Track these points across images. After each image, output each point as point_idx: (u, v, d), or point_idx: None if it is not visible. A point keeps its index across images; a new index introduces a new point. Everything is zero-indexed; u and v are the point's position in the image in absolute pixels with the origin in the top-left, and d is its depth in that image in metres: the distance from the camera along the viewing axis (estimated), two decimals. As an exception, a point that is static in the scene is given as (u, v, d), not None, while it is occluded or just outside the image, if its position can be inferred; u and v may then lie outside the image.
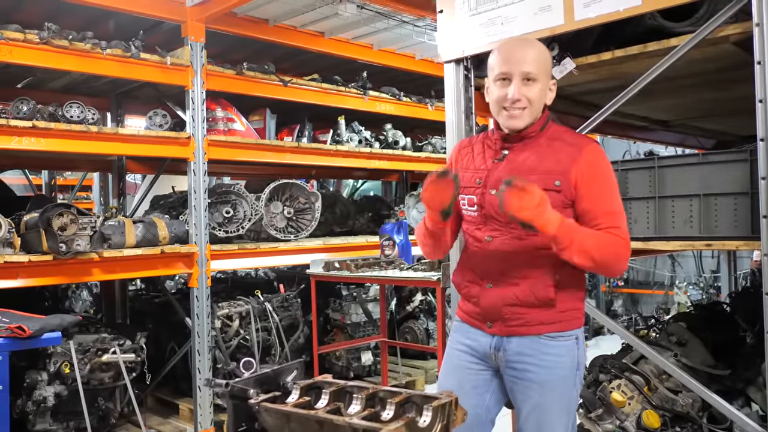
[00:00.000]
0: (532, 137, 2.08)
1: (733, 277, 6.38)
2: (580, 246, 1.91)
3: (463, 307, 2.23)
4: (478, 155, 2.18)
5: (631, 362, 3.06)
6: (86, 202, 9.79)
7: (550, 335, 2.06)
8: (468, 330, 2.20)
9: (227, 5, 4.34)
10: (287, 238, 5.26)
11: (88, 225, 3.98)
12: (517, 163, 2.07)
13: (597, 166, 2.02)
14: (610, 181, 2.05)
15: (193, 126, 4.57)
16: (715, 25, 2.23)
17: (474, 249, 2.14)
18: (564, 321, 2.07)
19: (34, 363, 4.07)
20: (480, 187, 2.11)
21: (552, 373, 2.05)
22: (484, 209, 2.09)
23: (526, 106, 2.01)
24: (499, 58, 2.04)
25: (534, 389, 2.06)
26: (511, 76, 2.00)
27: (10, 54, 3.79)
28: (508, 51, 2.05)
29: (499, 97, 2.03)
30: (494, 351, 2.12)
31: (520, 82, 2.00)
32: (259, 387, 1.79)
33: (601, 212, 1.99)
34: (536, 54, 2.03)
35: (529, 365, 2.06)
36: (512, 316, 2.07)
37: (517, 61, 2.00)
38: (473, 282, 2.15)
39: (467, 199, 2.14)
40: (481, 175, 2.12)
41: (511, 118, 2.04)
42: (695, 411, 2.90)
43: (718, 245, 2.44)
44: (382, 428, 1.48)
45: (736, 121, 4.23)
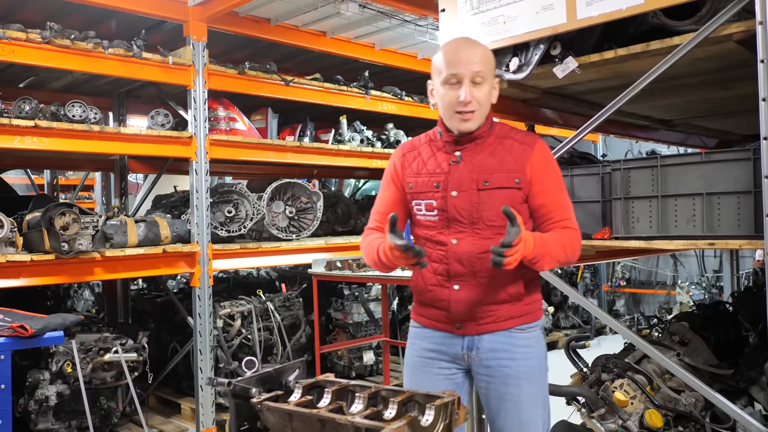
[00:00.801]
0: (483, 137, 2.10)
1: (736, 277, 6.36)
2: (550, 256, 1.99)
3: (426, 312, 2.20)
4: (428, 159, 2.15)
5: (633, 362, 3.06)
6: (88, 201, 9.80)
7: (520, 328, 2.11)
8: (432, 334, 2.18)
9: (229, 5, 4.34)
10: (289, 238, 5.25)
11: (90, 224, 3.99)
12: (476, 164, 2.08)
13: (548, 162, 2.10)
14: (559, 176, 2.14)
15: (195, 125, 4.58)
16: (718, 24, 2.22)
17: (437, 253, 2.11)
18: (531, 312, 2.14)
19: (37, 362, 4.08)
20: (440, 191, 2.09)
21: (527, 365, 2.10)
22: (447, 212, 2.09)
23: (477, 109, 2.03)
24: (446, 60, 2.04)
25: (512, 384, 2.08)
26: (460, 78, 2.01)
27: (12, 53, 3.79)
28: (455, 52, 2.04)
29: (450, 100, 2.03)
30: (466, 351, 2.13)
31: (470, 84, 2.01)
32: (262, 386, 1.79)
33: (555, 206, 2.08)
34: (483, 54, 2.05)
35: (504, 360, 2.09)
36: (484, 315, 2.09)
37: (466, 62, 2.00)
38: (439, 285, 2.12)
39: (425, 204, 2.13)
40: (438, 179, 2.10)
41: (463, 121, 2.04)
42: (698, 410, 2.89)
43: (721, 244, 2.43)
44: (385, 427, 1.48)
45: (739, 120, 4.22)
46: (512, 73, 2.78)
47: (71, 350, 3.93)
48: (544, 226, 2.10)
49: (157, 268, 4.49)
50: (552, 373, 3.13)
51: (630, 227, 2.71)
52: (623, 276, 9.26)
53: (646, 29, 2.55)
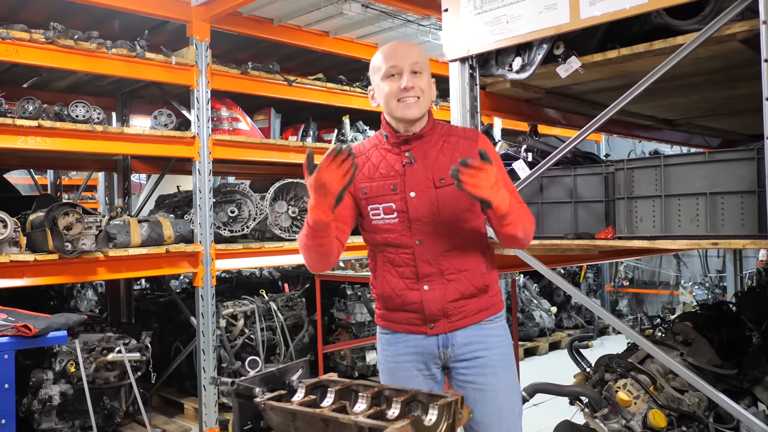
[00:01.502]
0: (429, 135, 2.13)
1: (739, 277, 6.35)
2: (519, 219, 2.03)
3: (395, 317, 2.19)
4: (379, 162, 2.15)
5: (636, 361, 3.05)
6: (91, 201, 9.81)
7: (489, 319, 2.17)
8: (404, 338, 2.19)
9: (232, 5, 4.34)
10: (292, 238, 5.25)
11: (94, 224, 3.99)
12: (429, 162, 2.10)
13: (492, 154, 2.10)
14: (502, 166, 2.21)
15: (198, 125, 4.58)
16: (721, 23, 2.22)
17: (402, 257, 2.12)
18: (495, 304, 2.20)
19: (40, 362, 4.09)
20: (398, 192, 2.09)
21: (501, 353, 2.17)
22: (408, 213, 2.09)
23: (420, 95, 2.07)
24: (384, 56, 2.10)
25: (489, 374, 2.13)
26: (400, 69, 2.06)
27: (15, 54, 3.80)
28: (392, 49, 2.12)
29: (392, 90, 2.07)
30: (442, 350, 2.15)
31: (410, 74, 2.06)
32: (265, 385, 1.79)
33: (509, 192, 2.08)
34: (418, 49, 2.14)
35: (479, 351, 2.14)
36: (455, 311, 2.12)
37: (403, 56, 2.08)
38: (408, 288, 2.12)
39: (383, 207, 2.11)
40: (394, 181, 2.10)
41: (407, 108, 2.06)
42: (701, 410, 2.89)
43: (724, 244, 2.42)
44: (388, 427, 1.48)
45: (743, 120, 4.21)
46: (515, 72, 2.78)
47: (75, 350, 3.94)
48: None
49: (160, 268, 4.49)
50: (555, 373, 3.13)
51: (633, 227, 2.71)
52: (626, 276, 9.25)
53: (650, 29, 2.55)
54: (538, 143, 3.32)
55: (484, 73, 2.94)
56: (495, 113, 3.24)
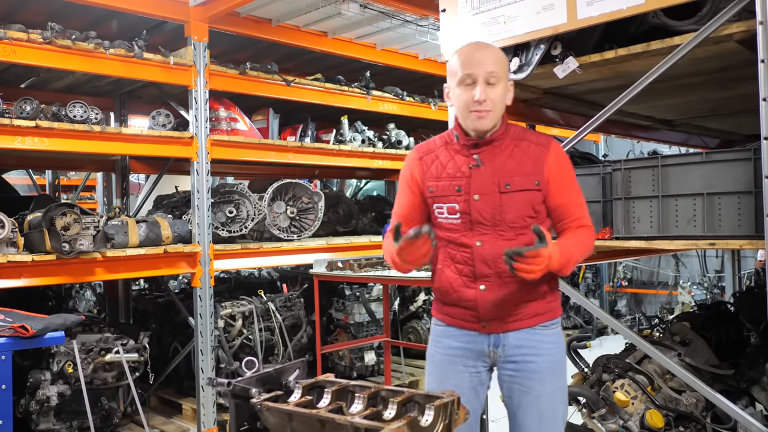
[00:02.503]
0: (500, 140, 2.13)
1: (737, 277, 6.36)
2: (575, 261, 2.07)
3: (451, 311, 2.23)
4: (447, 162, 2.18)
5: (634, 362, 3.05)
6: (90, 202, 9.81)
7: (544, 325, 2.17)
8: (458, 333, 2.22)
9: (230, 5, 4.34)
10: (290, 238, 5.26)
11: (92, 225, 3.99)
12: (496, 167, 2.11)
13: (564, 163, 2.15)
14: (573, 175, 2.19)
15: (196, 126, 4.58)
16: (718, 24, 2.22)
17: (462, 255, 2.15)
18: (552, 310, 2.20)
19: (38, 362, 4.08)
20: (462, 194, 2.12)
21: (551, 360, 2.16)
22: (471, 215, 2.12)
23: (492, 108, 2.07)
24: (460, 62, 2.09)
25: (536, 379, 2.14)
26: (475, 78, 2.05)
27: (13, 54, 3.80)
28: (469, 53, 2.10)
29: (466, 100, 2.07)
30: (492, 349, 2.17)
31: (484, 85, 2.05)
32: (262, 386, 1.80)
33: (573, 204, 2.14)
34: (496, 55, 2.11)
35: (529, 356, 2.14)
36: (510, 313, 2.13)
37: (479, 63, 2.06)
38: (465, 286, 2.16)
39: (447, 207, 2.16)
40: (460, 183, 2.13)
41: (479, 120, 2.07)
42: (699, 411, 2.89)
43: (721, 244, 2.43)
44: (384, 427, 1.48)
45: (740, 120, 4.21)
46: (513, 73, 2.78)
47: (72, 350, 3.93)
48: (561, 224, 2.16)
49: (159, 269, 4.49)
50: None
51: (631, 227, 2.71)
52: (625, 276, 9.25)
53: (647, 29, 2.55)
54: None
55: (482, 73, 2.93)
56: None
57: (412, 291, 6.45)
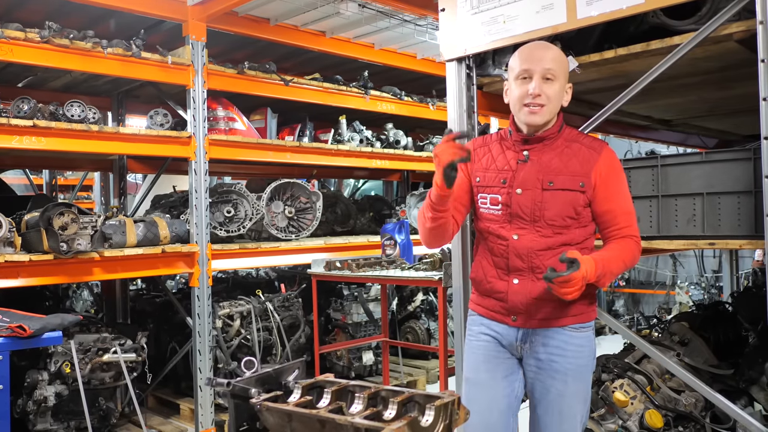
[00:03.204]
0: (552, 139, 2.15)
1: (735, 277, 6.37)
2: (611, 274, 2.05)
3: (483, 302, 2.28)
4: (498, 156, 2.22)
5: (633, 362, 3.05)
6: (87, 201, 9.79)
7: (574, 327, 2.17)
8: (489, 323, 2.26)
9: (228, 4, 4.33)
10: (288, 238, 5.25)
11: (89, 224, 3.98)
12: (542, 164, 2.13)
13: (615, 168, 2.15)
14: (625, 183, 2.18)
15: (194, 125, 4.57)
16: (718, 23, 2.22)
17: (498, 247, 2.19)
18: (585, 312, 2.19)
19: (35, 362, 4.07)
20: (506, 187, 2.16)
21: (576, 363, 2.15)
22: (511, 208, 2.15)
23: (546, 103, 2.08)
24: (520, 58, 2.13)
25: (558, 378, 2.15)
26: (532, 73, 2.08)
27: (11, 53, 3.78)
28: (529, 50, 2.14)
29: (521, 93, 2.10)
30: (520, 343, 2.20)
31: (541, 80, 2.07)
32: (261, 386, 1.79)
33: (621, 212, 2.13)
34: (555, 54, 2.13)
35: (555, 356, 2.15)
36: (539, 310, 2.14)
37: (538, 60, 2.09)
38: (498, 278, 2.20)
39: (490, 198, 2.20)
40: (506, 176, 2.17)
41: (531, 114, 2.10)
42: (698, 411, 2.89)
43: (721, 244, 2.43)
44: (385, 428, 1.47)
45: (739, 120, 4.22)
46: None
47: (70, 350, 3.92)
48: (607, 232, 2.16)
49: (156, 269, 4.47)
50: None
51: (630, 227, 2.70)
52: (622, 276, 9.25)
53: (646, 29, 2.55)
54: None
55: (480, 73, 2.94)
56: (492, 113, 3.23)
57: (410, 291, 6.44)
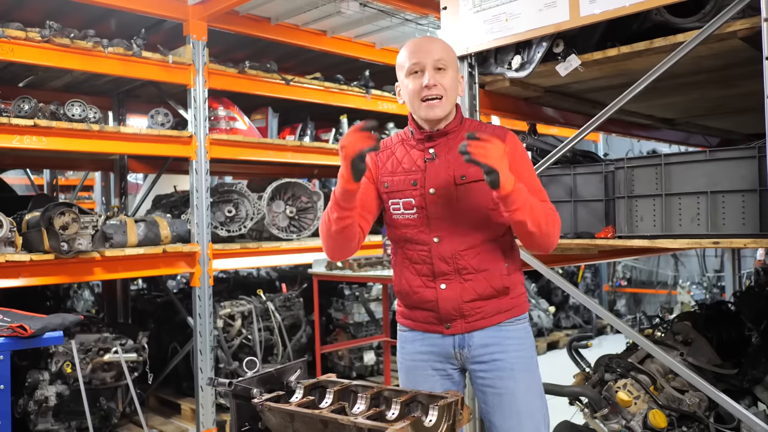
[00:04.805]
0: (455, 132, 2.09)
1: (738, 277, 6.35)
2: (531, 208, 1.93)
3: (412, 315, 2.18)
4: (403, 157, 2.13)
5: (636, 361, 3.04)
6: (88, 201, 9.78)
7: (509, 321, 2.12)
8: (422, 337, 2.16)
9: (229, 3, 4.32)
10: (289, 238, 5.24)
11: (90, 224, 3.97)
12: (451, 159, 2.06)
13: (520, 152, 2.09)
14: (531, 166, 2.14)
15: (195, 125, 4.56)
16: (722, 21, 2.21)
17: (419, 254, 2.10)
18: (518, 305, 2.14)
19: (36, 362, 4.07)
20: (417, 188, 2.07)
21: (520, 356, 2.10)
22: (427, 210, 2.06)
23: (443, 95, 2.02)
24: (408, 52, 2.07)
25: (505, 377, 2.07)
26: (423, 66, 2.02)
27: (11, 52, 3.78)
28: (416, 45, 2.08)
29: (415, 88, 2.03)
30: (458, 350, 2.11)
31: (433, 71, 2.02)
32: (263, 386, 1.78)
33: (533, 191, 2.02)
34: (443, 45, 2.09)
35: (497, 353, 2.08)
36: (472, 312, 2.07)
37: (426, 52, 2.03)
38: (425, 286, 2.10)
39: (403, 202, 2.10)
40: (415, 177, 2.08)
41: (430, 108, 2.03)
42: (702, 410, 2.87)
43: (725, 243, 2.41)
44: (388, 428, 1.46)
45: (742, 119, 4.21)
46: (514, 71, 2.77)
47: (71, 350, 3.92)
48: None
49: (157, 268, 4.47)
50: (554, 373, 3.11)
51: (633, 226, 2.70)
52: (624, 276, 9.24)
53: (650, 27, 2.54)
54: (538, 142, 3.31)
55: (483, 71, 2.93)
56: (494, 112, 3.22)
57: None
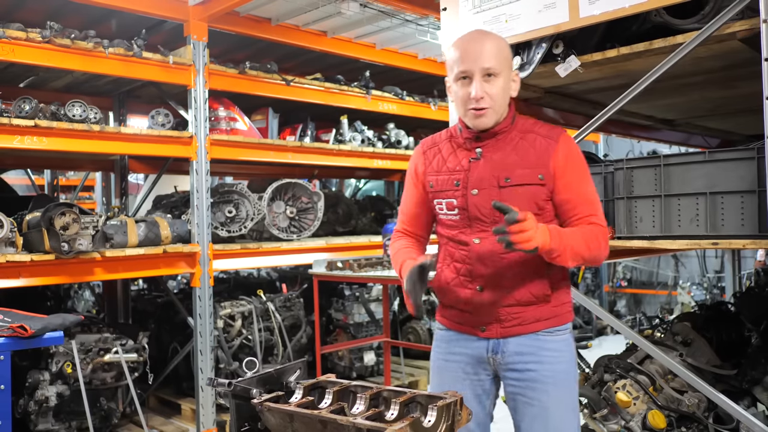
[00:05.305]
0: (504, 132, 2.03)
1: (738, 277, 6.35)
2: (572, 250, 1.89)
3: (449, 314, 2.15)
4: (449, 156, 2.09)
5: (636, 362, 3.04)
6: (88, 202, 9.79)
7: (548, 331, 2.03)
8: (457, 338, 2.13)
9: (229, 4, 4.32)
10: (290, 238, 5.24)
11: (91, 224, 3.97)
12: (497, 160, 2.00)
13: (573, 156, 2.01)
14: (585, 170, 2.04)
15: (195, 125, 4.56)
16: (721, 22, 2.21)
17: (460, 253, 2.06)
18: (559, 315, 2.06)
19: (36, 363, 4.07)
20: (460, 189, 2.03)
21: (554, 369, 2.01)
22: (468, 211, 2.02)
23: (490, 105, 1.95)
24: (456, 56, 1.98)
25: (538, 389, 2.00)
26: (471, 74, 1.94)
27: (12, 53, 3.78)
28: (465, 48, 1.97)
29: (462, 96, 1.97)
30: (491, 355, 2.06)
31: (481, 80, 1.94)
32: (262, 386, 1.78)
33: (581, 201, 1.99)
34: (494, 47, 1.96)
35: (530, 363, 2.01)
36: (509, 317, 2.02)
37: (475, 58, 1.94)
38: (462, 286, 2.06)
39: (446, 203, 2.07)
40: (459, 177, 2.04)
41: (476, 118, 1.97)
42: (701, 411, 2.88)
43: (724, 244, 2.42)
44: (387, 428, 1.46)
45: (742, 120, 4.21)
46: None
47: (71, 351, 3.92)
48: (568, 222, 2.01)
49: (158, 269, 4.47)
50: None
51: (633, 227, 2.70)
52: (624, 276, 9.24)
53: (649, 28, 2.54)
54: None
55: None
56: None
57: (412, 291, 6.43)
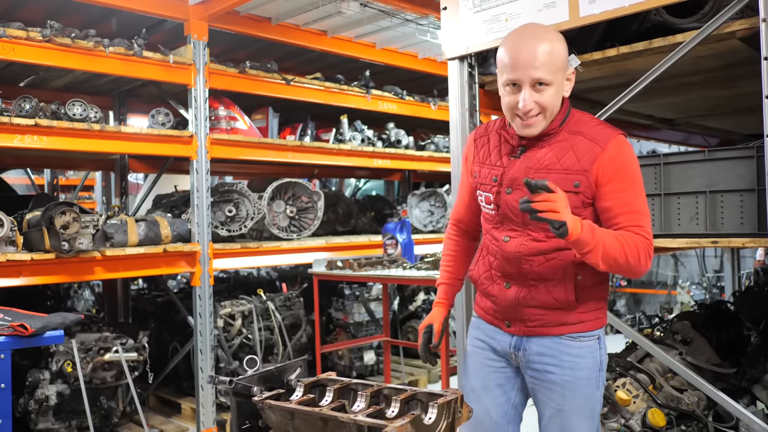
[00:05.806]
0: (553, 133, 1.94)
1: (737, 277, 6.36)
2: (604, 249, 1.77)
3: (481, 303, 2.17)
4: (494, 149, 2.05)
5: (635, 361, 3.05)
6: (88, 201, 9.79)
7: (572, 336, 1.99)
8: (486, 327, 2.15)
9: (229, 3, 4.32)
10: (290, 237, 5.25)
11: (91, 223, 3.97)
12: (533, 160, 1.93)
13: (620, 161, 1.87)
14: (634, 178, 1.88)
15: (195, 124, 4.56)
16: (721, 21, 2.22)
17: (492, 247, 2.05)
18: (586, 321, 2.00)
19: (37, 362, 4.07)
20: (495, 185, 1.99)
21: (573, 375, 1.98)
22: (501, 209, 1.99)
23: (540, 113, 1.87)
24: (506, 61, 1.87)
25: (555, 391, 2.00)
26: (521, 83, 1.85)
27: (12, 52, 3.78)
28: (515, 54, 1.85)
29: (510, 103, 1.89)
30: (514, 351, 2.06)
31: (531, 89, 1.84)
32: (263, 384, 1.79)
33: (623, 211, 1.86)
34: (546, 53, 1.83)
35: (550, 366, 2.00)
36: (531, 317, 2.01)
37: (525, 66, 1.82)
38: (491, 280, 2.08)
39: (484, 196, 2.05)
40: (497, 173, 2.00)
41: (524, 127, 1.90)
42: (701, 409, 2.88)
43: (724, 242, 2.42)
44: (387, 425, 1.47)
45: (741, 119, 4.22)
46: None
47: (71, 350, 3.92)
48: None
49: (158, 268, 4.47)
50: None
51: (632, 226, 2.69)
52: (623, 276, 9.23)
53: (649, 27, 2.55)
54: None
55: (483, 71, 2.94)
56: (494, 112, 3.23)
57: (412, 290, 6.44)
